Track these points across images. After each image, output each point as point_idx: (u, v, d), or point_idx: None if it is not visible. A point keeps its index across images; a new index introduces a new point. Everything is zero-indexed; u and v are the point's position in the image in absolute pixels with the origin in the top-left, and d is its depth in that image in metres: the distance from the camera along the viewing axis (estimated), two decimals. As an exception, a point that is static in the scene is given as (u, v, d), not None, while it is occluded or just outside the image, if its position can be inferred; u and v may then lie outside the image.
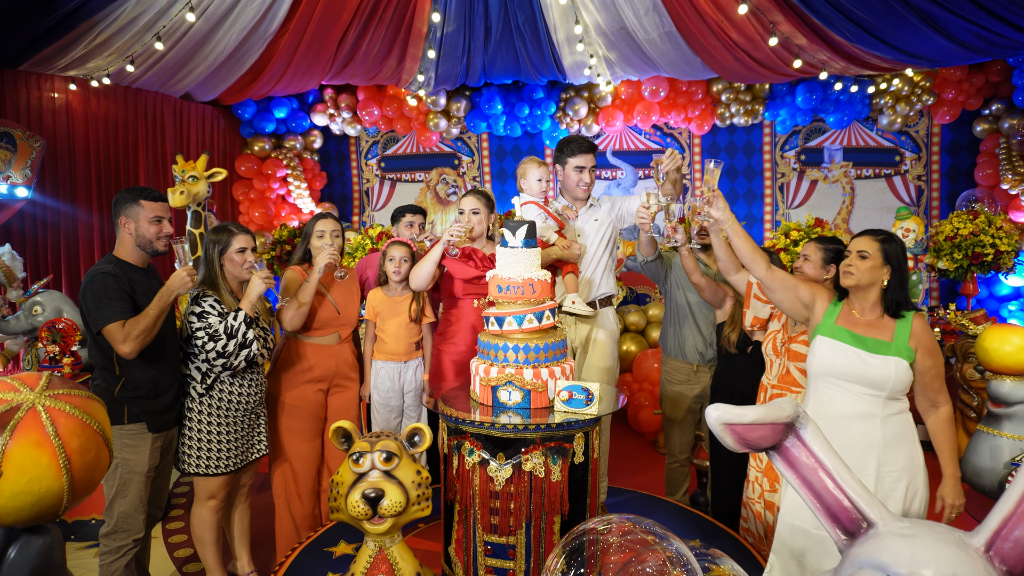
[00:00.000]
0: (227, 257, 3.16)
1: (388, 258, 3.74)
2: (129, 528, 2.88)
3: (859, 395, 2.51)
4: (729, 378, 3.54)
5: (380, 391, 3.76)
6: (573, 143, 3.71)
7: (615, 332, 3.82)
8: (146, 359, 2.87)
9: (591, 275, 3.75)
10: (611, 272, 3.83)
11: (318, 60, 6.24)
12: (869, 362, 2.48)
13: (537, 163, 3.71)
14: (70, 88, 6.47)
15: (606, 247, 3.78)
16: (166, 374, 2.97)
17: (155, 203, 2.90)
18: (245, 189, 8.03)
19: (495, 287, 2.94)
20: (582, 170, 3.70)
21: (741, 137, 8.03)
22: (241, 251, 3.18)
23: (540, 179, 3.68)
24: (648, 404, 5.30)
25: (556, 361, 2.91)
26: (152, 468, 2.93)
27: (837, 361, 2.56)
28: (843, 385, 2.55)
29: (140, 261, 2.95)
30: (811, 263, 3.01)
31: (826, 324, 2.64)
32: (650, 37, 5.58)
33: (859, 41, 5.32)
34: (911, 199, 7.78)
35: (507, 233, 2.93)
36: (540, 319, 2.89)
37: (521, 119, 7.87)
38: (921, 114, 7.61)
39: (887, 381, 2.45)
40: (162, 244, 2.94)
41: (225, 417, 3.13)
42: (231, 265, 3.17)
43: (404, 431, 2.54)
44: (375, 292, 3.81)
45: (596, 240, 3.75)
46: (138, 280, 2.88)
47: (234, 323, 3.04)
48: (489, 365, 2.90)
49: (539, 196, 3.71)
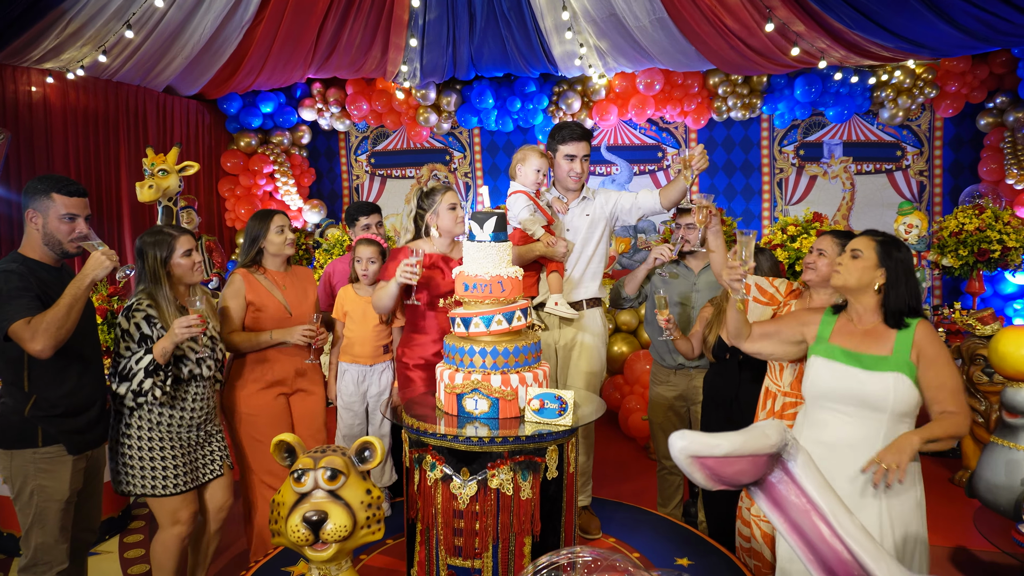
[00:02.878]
0: (173, 264, 2.85)
1: (356, 258, 3.44)
2: (50, 560, 2.55)
3: (857, 418, 2.22)
4: (716, 383, 3.24)
5: (344, 395, 3.48)
6: (565, 129, 3.42)
7: (603, 335, 3.52)
8: (60, 371, 2.53)
9: (576, 274, 3.44)
10: (599, 272, 3.51)
11: (298, 50, 5.94)
12: (863, 380, 2.19)
13: (539, 153, 3.41)
14: (47, 81, 6.18)
15: (596, 245, 3.46)
16: (86, 387, 2.63)
17: (69, 198, 2.53)
18: (231, 186, 7.74)
19: (461, 285, 2.64)
20: (573, 159, 3.39)
21: (738, 131, 7.71)
22: (187, 254, 2.87)
23: (539, 170, 3.38)
24: (639, 408, 4.99)
25: (528, 366, 2.61)
26: (74, 493, 2.60)
27: (829, 382, 2.27)
28: (839, 408, 2.26)
29: (51, 260, 2.59)
30: (826, 258, 2.70)
31: (819, 342, 2.36)
32: (641, 24, 5.26)
33: (859, 28, 5.00)
34: (913, 195, 7.45)
35: (474, 226, 2.63)
36: (510, 320, 2.59)
37: (513, 113, 7.56)
38: (923, 107, 7.28)
39: (885, 401, 2.14)
40: (73, 247, 2.58)
41: (167, 431, 2.82)
42: (178, 270, 2.87)
43: (353, 445, 2.24)
44: (346, 290, 3.52)
45: (585, 237, 3.44)
46: (49, 280, 2.54)
47: (133, 366, 2.69)
48: (455, 371, 2.60)
49: (531, 187, 3.41)
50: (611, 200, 3.47)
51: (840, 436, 2.25)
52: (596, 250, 3.44)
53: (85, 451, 2.65)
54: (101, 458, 2.80)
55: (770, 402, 2.81)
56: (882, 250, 2.21)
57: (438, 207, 3.19)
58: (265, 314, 3.21)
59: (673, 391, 3.57)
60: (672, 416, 3.60)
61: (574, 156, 3.38)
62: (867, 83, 7.07)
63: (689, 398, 3.54)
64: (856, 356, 2.24)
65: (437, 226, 3.19)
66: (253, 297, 3.20)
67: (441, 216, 3.19)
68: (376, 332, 3.45)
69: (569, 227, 3.45)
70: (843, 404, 2.24)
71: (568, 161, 3.40)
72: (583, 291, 3.44)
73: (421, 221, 3.23)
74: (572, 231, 3.44)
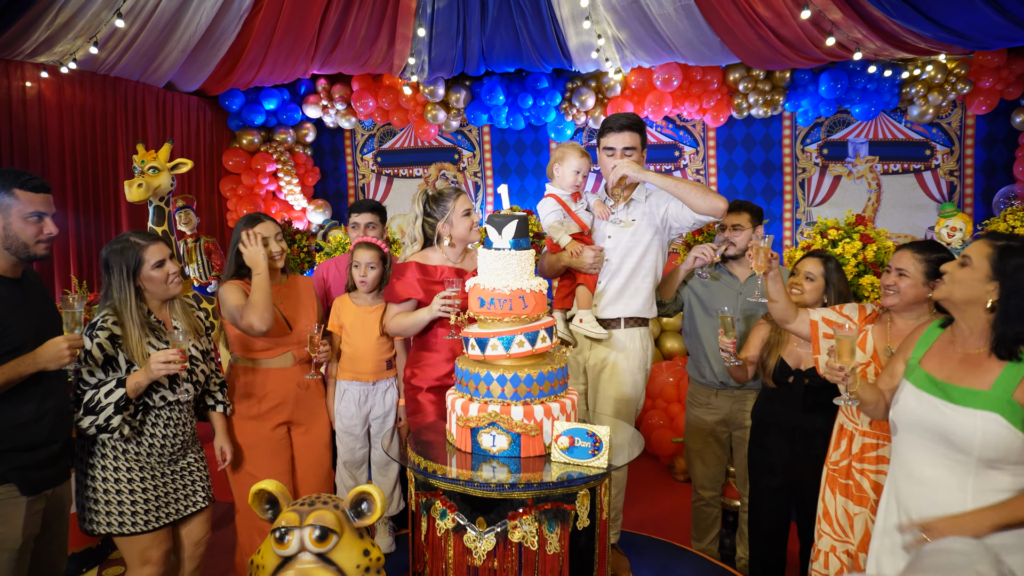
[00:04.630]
0: (143, 278, 2.45)
1: (353, 263, 3.03)
2: None
3: (942, 457, 1.81)
4: (770, 411, 2.81)
5: (343, 417, 3.07)
6: (608, 120, 2.97)
7: (642, 360, 3.00)
8: (13, 400, 2.13)
9: (613, 288, 2.96)
10: (645, 288, 2.97)
11: (300, 41, 5.53)
12: (948, 415, 1.78)
13: (580, 151, 2.96)
14: (41, 76, 5.80)
15: (641, 256, 2.94)
16: (47, 417, 2.20)
17: (36, 194, 2.15)
18: (233, 185, 7.35)
19: (476, 300, 2.22)
20: (612, 153, 2.92)
21: (759, 130, 7.27)
22: (159, 265, 2.46)
23: (578, 171, 2.94)
24: (662, 423, 4.57)
25: (554, 396, 2.19)
26: (30, 539, 2.19)
27: (915, 410, 1.87)
28: (923, 443, 1.85)
29: (9, 269, 2.18)
30: (909, 279, 2.27)
31: (911, 364, 1.94)
32: (665, 11, 4.82)
33: (899, 15, 4.56)
34: (943, 196, 6.99)
35: (491, 231, 2.21)
36: (533, 341, 2.17)
37: (524, 110, 7.13)
38: (954, 104, 6.82)
39: (969, 443, 1.72)
40: (43, 248, 2.20)
41: (138, 462, 2.41)
42: (152, 285, 2.46)
43: (349, 495, 1.83)
44: (342, 299, 3.11)
45: (627, 246, 2.94)
46: (7, 296, 2.14)
47: (102, 399, 2.29)
48: (468, 400, 2.19)
49: (569, 189, 2.98)
50: (663, 204, 2.94)
51: (926, 474, 1.85)
52: (641, 262, 2.94)
53: (43, 491, 2.24)
54: (65, 496, 2.40)
55: (845, 442, 2.37)
56: (998, 258, 1.77)
57: (451, 215, 2.77)
58: None
59: (714, 415, 3.13)
60: (713, 443, 3.16)
61: (613, 150, 2.91)
62: (896, 79, 6.62)
63: (733, 423, 3.10)
64: (942, 387, 1.83)
65: (450, 235, 2.78)
66: None
67: (455, 224, 2.78)
68: (378, 346, 3.04)
69: (611, 234, 2.98)
70: (926, 439, 1.84)
71: (608, 156, 2.94)
72: (620, 307, 2.95)
73: (431, 230, 2.81)
74: (613, 238, 2.97)
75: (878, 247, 3.75)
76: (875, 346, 2.41)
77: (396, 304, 2.78)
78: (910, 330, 2.34)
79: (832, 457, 2.45)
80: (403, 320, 2.76)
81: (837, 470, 2.40)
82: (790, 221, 7.32)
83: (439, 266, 2.79)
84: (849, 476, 2.36)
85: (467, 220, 2.77)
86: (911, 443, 1.90)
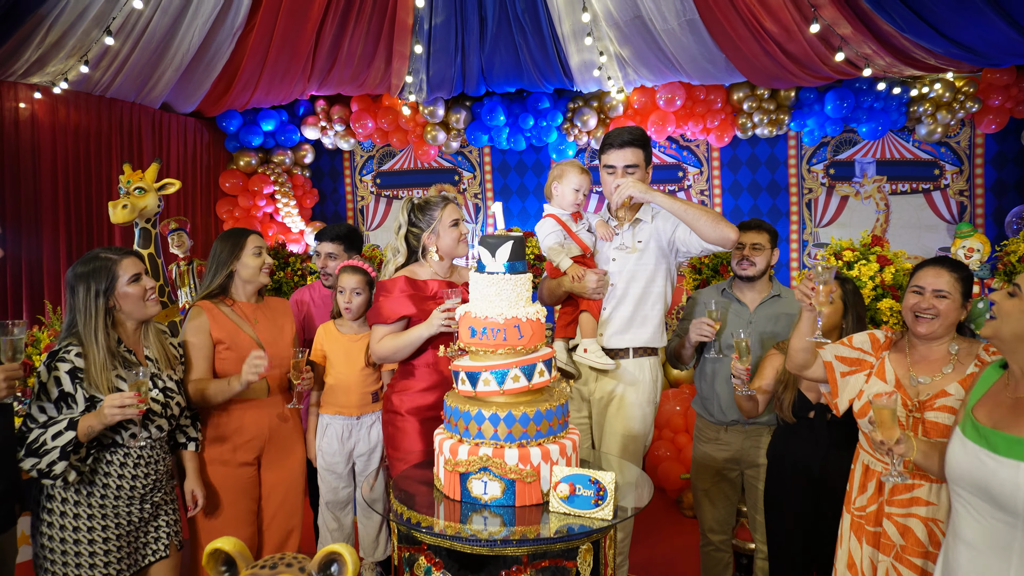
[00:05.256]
0: (118, 295, 2.23)
1: (338, 288, 2.81)
2: None
3: (985, 517, 1.56)
4: (788, 449, 2.55)
5: (325, 454, 2.82)
6: (609, 135, 2.73)
7: (651, 392, 2.75)
8: None
9: (619, 316, 2.71)
10: (654, 316, 2.73)
11: (295, 59, 5.37)
12: (990, 465, 1.53)
13: (579, 168, 2.73)
14: (35, 97, 5.66)
15: (648, 281, 2.70)
16: None
17: None
18: (229, 207, 7.17)
19: (467, 329, 1.99)
20: (612, 171, 2.69)
21: (764, 150, 7.07)
22: (134, 280, 2.26)
23: (578, 189, 2.71)
24: (669, 455, 4.31)
25: (553, 437, 1.96)
26: None
27: (961, 462, 1.63)
28: (967, 499, 1.61)
29: None
30: (950, 300, 2.04)
31: (965, 410, 1.71)
32: (669, 27, 4.65)
33: (911, 30, 4.37)
34: (953, 216, 6.77)
35: (484, 253, 1.99)
36: (530, 375, 1.94)
37: (525, 131, 6.95)
38: (963, 123, 6.62)
39: (1013, 501, 1.48)
40: None
41: (101, 506, 2.18)
42: (127, 303, 2.25)
43: (316, 556, 1.58)
44: (326, 327, 2.88)
45: (632, 270, 2.71)
46: None
47: (48, 441, 2.04)
48: (457, 442, 1.95)
49: (568, 208, 2.75)
50: (671, 226, 2.70)
51: (971, 536, 1.60)
52: (649, 287, 2.70)
53: None
54: (9, 547, 2.16)
55: (872, 484, 2.11)
56: None
57: (437, 225, 2.56)
58: (234, 354, 2.57)
59: (724, 451, 2.87)
60: (722, 484, 2.90)
61: (614, 168, 2.69)
62: (903, 98, 6.43)
63: (744, 461, 2.84)
64: (987, 435, 1.59)
65: (437, 247, 2.57)
66: (219, 334, 2.57)
67: (442, 235, 2.57)
68: (363, 377, 2.80)
69: (615, 257, 2.75)
70: (972, 495, 1.60)
71: (609, 175, 2.71)
72: (629, 337, 2.69)
73: (416, 241, 2.59)
74: (618, 262, 2.74)
75: (896, 268, 3.52)
76: (896, 374, 2.17)
77: (384, 325, 2.54)
78: (936, 355, 2.11)
79: (857, 502, 2.19)
80: (393, 341, 2.50)
81: (864, 516, 2.14)
82: (797, 242, 7.09)
83: (429, 280, 2.56)
84: (879, 523, 2.10)
85: (455, 231, 2.56)
86: (957, 499, 1.66)
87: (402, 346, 2.50)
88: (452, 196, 2.73)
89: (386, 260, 2.66)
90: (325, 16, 4.86)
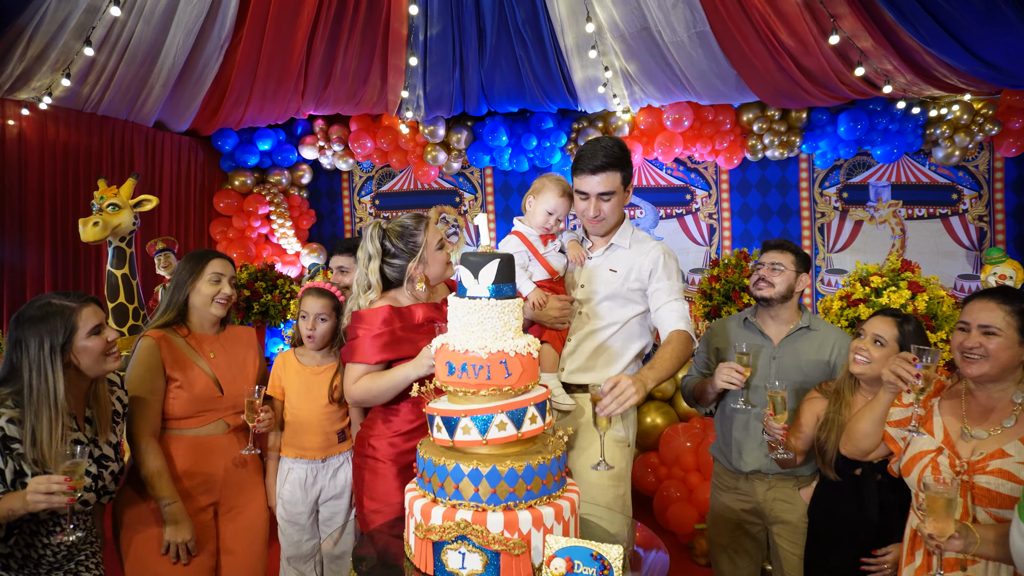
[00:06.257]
0: (77, 349, 1.87)
1: (301, 313, 2.45)
2: None
3: None
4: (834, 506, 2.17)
5: (286, 502, 2.45)
6: (581, 153, 2.33)
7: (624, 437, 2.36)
8: None
9: (585, 349, 2.35)
10: (627, 351, 2.36)
11: (287, 73, 5.09)
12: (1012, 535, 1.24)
13: (561, 190, 2.37)
14: (23, 113, 5.40)
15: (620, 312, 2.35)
16: None
17: None
18: (223, 228, 6.87)
19: (443, 365, 1.64)
20: (585, 198, 2.32)
21: (775, 172, 6.75)
22: (96, 331, 1.90)
23: (552, 212, 2.35)
24: (680, 496, 3.90)
25: (547, 497, 1.59)
26: None
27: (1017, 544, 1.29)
28: None
29: None
30: (1001, 338, 1.68)
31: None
32: (678, 39, 4.35)
33: (935, 44, 4.06)
34: (972, 242, 6.41)
35: (465, 274, 1.64)
36: (519, 422, 1.58)
37: (528, 152, 6.65)
38: (981, 146, 6.30)
39: None
40: None
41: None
42: (85, 358, 1.89)
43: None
44: (285, 357, 2.52)
45: (604, 299, 2.35)
46: None
47: None
48: (430, 502, 1.58)
49: (537, 230, 2.40)
50: (647, 263, 2.32)
51: None
52: (622, 321, 2.32)
53: None
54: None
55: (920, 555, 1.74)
56: None
57: (424, 251, 2.21)
58: (186, 393, 2.22)
59: (744, 503, 2.48)
60: (744, 540, 2.50)
61: (586, 195, 2.32)
62: (919, 119, 6.11)
63: (769, 516, 2.44)
64: None
65: (425, 277, 2.22)
66: (171, 369, 2.22)
67: (429, 263, 2.22)
68: (327, 414, 2.43)
69: (583, 283, 2.39)
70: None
71: (580, 200, 2.35)
72: (595, 374, 2.31)
73: (397, 272, 2.23)
74: (586, 288, 2.38)
75: (930, 297, 3.16)
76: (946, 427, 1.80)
77: (361, 365, 2.19)
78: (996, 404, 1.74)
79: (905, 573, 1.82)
80: (372, 383, 2.14)
81: None
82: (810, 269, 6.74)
83: (412, 306, 2.21)
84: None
85: (441, 255, 2.22)
86: None
87: (383, 390, 2.13)
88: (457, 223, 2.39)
89: (353, 295, 2.27)
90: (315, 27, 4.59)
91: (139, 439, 2.13)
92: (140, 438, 2.13)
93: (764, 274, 2.44)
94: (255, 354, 2.42)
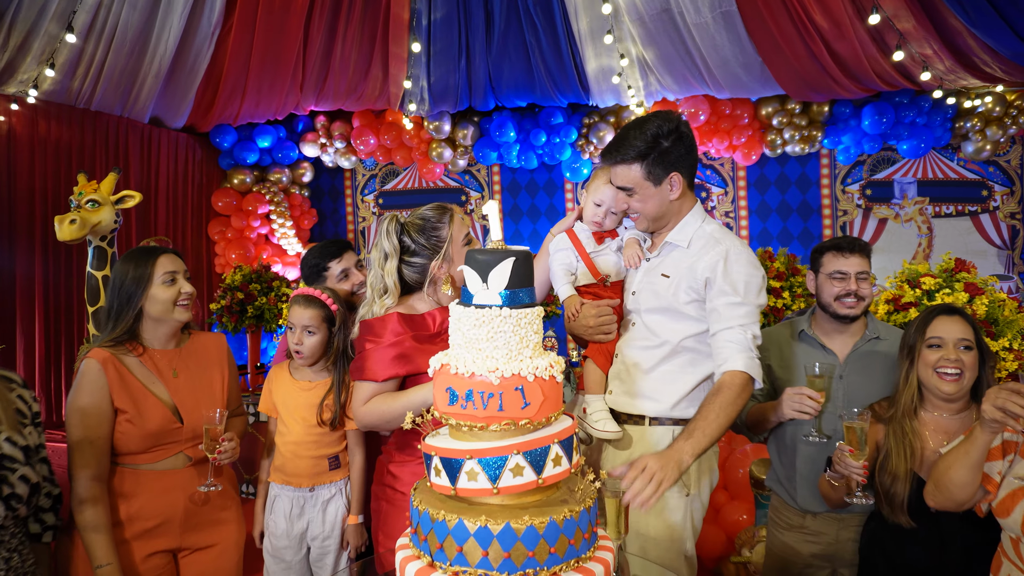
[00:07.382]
0: None
1: (288, 324, 2.10)
2: None
3: None
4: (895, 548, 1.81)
5: (272, 535, 2.10)
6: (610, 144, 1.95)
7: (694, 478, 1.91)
8: None
9: (642, 368, 1.91)
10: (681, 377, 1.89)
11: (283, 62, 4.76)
12: None
13: (608, 176, 2.00)
14: (11, 108, 5.10)
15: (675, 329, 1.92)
16: None
17: None
18: (222, 227, 6.54)
19: (443, 391, 1.28)
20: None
21: (794, 169, 6.37)
22: None
23: (600, 203, 1.99)
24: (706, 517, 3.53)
25: (576, 559, 1.23)
26: None
27: None
28: None
29: None
30: None
31: None
32: (702, 20, 3.97)
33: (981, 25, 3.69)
34: (1004, 240, 6.02)
35: (471, 277, 1.29)
36: (539, 466, 1.23)
37: (537, 148, 6.29)
38: (1013, 140, 5.91)
39: None
40: None
41: None
42: None
43: None
44: (278, 370, 2.18)
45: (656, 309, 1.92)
46: None
47: None
48: (427, 567, 1.23)
49: (589, 226, 2.05)
50: (705, 267, 1.84)
51: None
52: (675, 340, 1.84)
53: None
54: None
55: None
56: None
57: (448, 247, 1.89)
58: (136, 428, 1.85)
59: (812, 544, 2.10)
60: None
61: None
62: (948, 112, 5.73)
63: (840, 558, 2.08)
64: None
65: (451, 278, 1.88)
66: (120, 399, 1.85)
67: (457, 261, 1.89)
68: (316, 438, 2.08)
69: (635, 290, 1.99)
70: None
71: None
72: (651, 402, 1.88)
73: (417, 274, 1.90)
74: (636, 296, 1.97)
75: (990, 300, 2.78)
76: None
77: (371, 383, 1.83)
78: None
79: None
80: (384, 405, 1.80)
81: None
82: (831, 268, 6.35)
83: (429, 312, 1.88)
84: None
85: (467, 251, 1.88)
86: None
87: (397, 413, 1.78)
88: None
89: (367, 300, 1.94)
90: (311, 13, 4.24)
91: (76, 483, 1.78)
92: (78, 482, 1.78)
93: (855, 288, 2.03)
94: (224, 369, 2.06)
